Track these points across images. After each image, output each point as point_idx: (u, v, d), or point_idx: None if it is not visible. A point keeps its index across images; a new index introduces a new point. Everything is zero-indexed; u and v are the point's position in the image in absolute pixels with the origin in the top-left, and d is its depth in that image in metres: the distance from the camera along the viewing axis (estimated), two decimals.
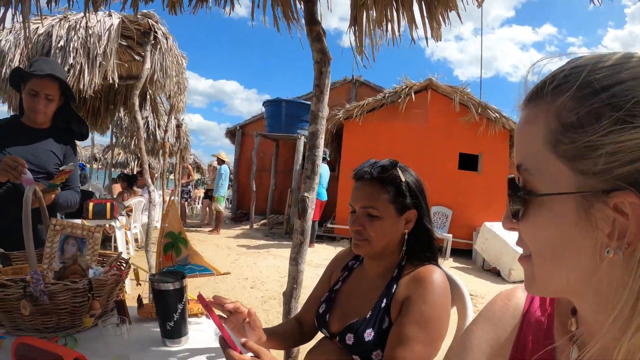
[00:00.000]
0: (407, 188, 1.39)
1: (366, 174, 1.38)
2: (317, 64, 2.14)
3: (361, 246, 1.37)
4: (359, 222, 1.36)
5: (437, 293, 1.24)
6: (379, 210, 1.34)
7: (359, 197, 1.38)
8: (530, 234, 0.58)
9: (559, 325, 0.72)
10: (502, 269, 6.95)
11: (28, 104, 2.15)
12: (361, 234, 1.36)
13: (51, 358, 1.02)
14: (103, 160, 19.65)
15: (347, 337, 1.31)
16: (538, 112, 0.56)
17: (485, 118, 9.08)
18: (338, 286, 1.51)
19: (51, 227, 1.63)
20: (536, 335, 0.73)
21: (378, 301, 1.33)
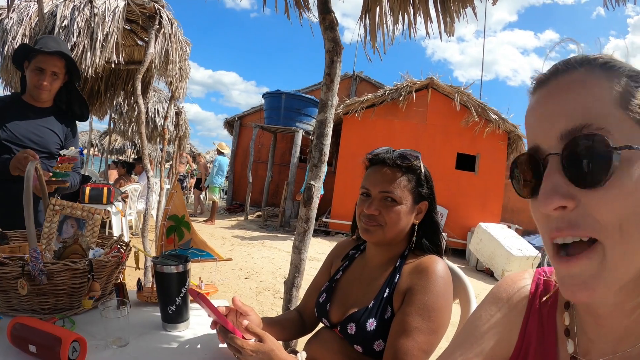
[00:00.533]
0: (425, 179, 1.40)
1: (388, 159, 1.37)
2: (329, 53, 2.12)
3: (373, 232, 1.34)
4: (375, 205, 1.34)
5: (439, 283, 1.24)
6: (399, 196, 1.33)
7: (378, 180, 1.36)
8: (621, 201, 0.50)
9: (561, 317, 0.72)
10: (495, 269, 6.98)
11: (33, 81, 2.11)
12: (375, 219, 1.33)
13: (49, 340, 0.98)
14: (99, 146, 19.54)
15: (349, 326, 1.30)
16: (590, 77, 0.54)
17: (484, 119, 9.09)
18: (339, 276, 1.50)
19: (50, 206, 1.59)
20: (540, 323, 0.74)
21: (381, 291, 1.32)
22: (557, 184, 0.52)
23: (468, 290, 1.50)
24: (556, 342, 0.70)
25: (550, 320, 0.72)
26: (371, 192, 1.36)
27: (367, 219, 1.35)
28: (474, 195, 9.31)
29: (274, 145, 13.32)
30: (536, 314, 0.74)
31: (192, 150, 19.18)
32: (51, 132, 2.20)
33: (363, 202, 1.38)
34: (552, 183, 0.52)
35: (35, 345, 0.99)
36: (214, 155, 11.97)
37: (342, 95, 11.36)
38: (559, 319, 0.71)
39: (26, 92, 2.19)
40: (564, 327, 0.69)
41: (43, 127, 2.17)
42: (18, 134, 2.08)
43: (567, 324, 0.69)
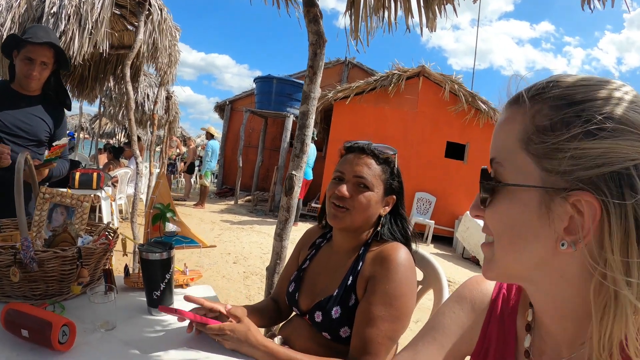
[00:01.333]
0: (397, 174, 1.46)
1: (367, 149, 1.42)
2: (312, 46, 2.15)
3: (341, 217, 1.38)
4: (348, 188, 1.38)
5: (400, 271, 1.28)
6: (371, 183, 1.37)
7: (354, 165, 1.40)
8: (496, 219, 0.63)
9: (521, 314, 0.78)
10: (481, 258, 7.06)
11: (22, 71, 2.13)
12: (345, 201, 1.37)
13: (41, 324, 1.04)
14: (90, 129, 19.39)
15: (316, 314, 1.36)
16: (516, 114, 0.62)
17: (474, 109, 9.14)
18: (306, 265, 1.55)
19: (40, 195, 1.64)
20: (501, 324, 0.79)
21: (344, 278, 1.37)
22: (477, 200, 0.67)
23: (441, 279, 1.56)
24: (515, 339, 0.76)
25: (511, 320, 0.78)
26: (345, 176, 1.41)
27: (337, 201, 1.38)
28: (463, 183, 9.38)
29: (265, 129, 13.30)
30: (497, 315, 0.80)
31: (183, 134, 19.10)
32: (40, 120, 2.23)
33: (335, 185, 1.42)
34: (476, 198, 0.67)
35: (27, 329, 1.05)
36: (204, 140, 11.95)
37: (333, 81, 11.38)
38: (519, 318, 0.77)
39: (15, 80, 2.20)
40: (524, 323, 0.75)
41: (32, 116, 2.20)
42: (7, 122, 2.11)
43: (529, 320, 0.75)
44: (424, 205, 9.43)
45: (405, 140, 9.53)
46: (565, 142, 0.55)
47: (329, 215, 1.42)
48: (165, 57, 4.23)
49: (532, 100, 0.61)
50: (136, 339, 1.22)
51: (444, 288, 1.54)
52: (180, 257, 4.12)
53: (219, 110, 15.67)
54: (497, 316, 0.81)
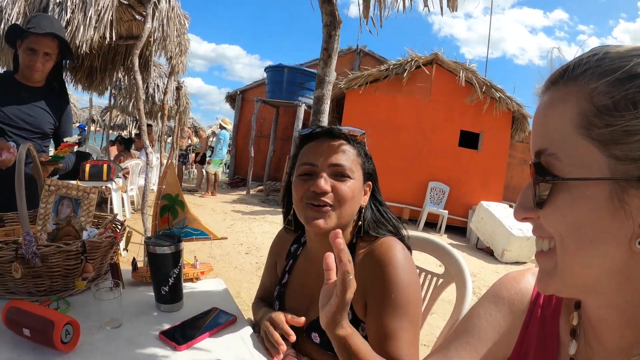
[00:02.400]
0: (369, 156, 1.28)
1: (336, 131, 1.21)
2: (327, 27, 2.07)
3: (326, 218, 1.16)
4: (328, 182, 1.16)
5: (402, 274, 1.12)
6: (351, 169, 1.18)
7: (327, 152, 1.18)
8: (558, 221, 0.55)
9: (565, 317, 0.71)
10: (495, 249, 7.01)
11: (25, 61, 2.09)
12: (327, 197, 1.15)
13: (42, 323, 1.00)
14: (101, 122, 19.51)
15: (313, 335, 1.22)
16: (566, 95, 0.54)
17: (488, 97, 8.99)
18: (286, 279, 1.38)
19: (45, 187, 1.59)
20: (542, 326, 0.72)
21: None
22: (525, 199, 0.59)
23: (464, 273, 1.50)
24: (558, 344, 0.70)
25: (553, 322, 0.72)
26: (317, 168, 1.17)
27: (316, 200, 1.15)
28: (476, 173, 9.29)
29: (276, 119, 13.28)
30: (538, 317, 0.74)
31: (194, 125, 19.14)
32: (44, 112, 2.19)
33: (306, 182, 1.18)
34: (521, 197, 0.59)
35: (29, 328, 1.00)
36: (216, 130, 11.97)
37: (345, 70, 11.27)
38: (562, 321, 0.71)
39: (19, 71, 2.17)
40: (569, 327, 0.69)
41: (36, 107, 2.16)
42: (11, 114, 2.08)
43: (575, 324, 0.68)
44: (437, 194, 9.33)
45: (419, 128, 9.43)
46: (636, 122, 0.47)
47: (308, 219, 1.17)
48: (174, 46, 4.18)
49: (582, 77, 0.53)
50: (143, 337, 1.17)
51: (467, 282, 1.48)
52: (192, 249, 4.09)
53: (230, 101, 15.67)
54: (537, 318, 0.73)
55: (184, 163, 12.54)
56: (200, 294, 1.55)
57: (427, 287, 1.64)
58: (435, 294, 1.61)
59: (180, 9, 4.21)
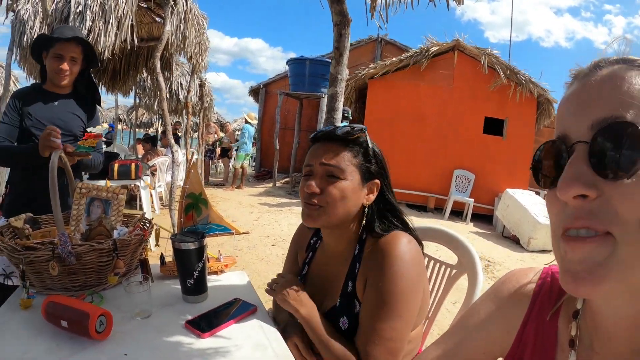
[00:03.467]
0: (373, 154, 1.29)
1: (331, 133, 1.26)
2: (337, 27, 2.11)
3: (314, 216, 1.24)
4: (316, 182, 1.23)
5: (396, 264, 1.15)
6: (344, 172, 1.22)
7: (320, 154, 1.25)
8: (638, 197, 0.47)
9: (564, 320, 0.69)
10: (521, 236, 6.93)
11: (53, 67, 2.20)
12: (316, 198, 1.22)
13: (78, 315, 1.10)
14: (127, 121, 19.94)
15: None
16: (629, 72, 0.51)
17: (513, 82, 8.82)
18: (305, 270, 1.47)
19: (77, 190, 1.71)
20: (541, 327, 0.71)
21: (344, 286, 1.28)
22: (580, 172, 0.50)
23: (475, 263, 1.53)
24: (556, 348, 0.67)
25: (552, 326, 0.69)
26: (313, 169, 1.25)
27: (308, 199, 1.23)
28: (502, 160, 9.14)
29: (300, 111, 13.32)
30: (536, 317, 0.72)
31: (219, 120, 19.38)
32: (74, 116, 2.31)
33: (304, 183, 1.26)
34: (575, 170, 0.50)
35: (66, 320, 1.11)
36: (241, 123, 12.12)
37: (367, 60, 11.22)
38: (561, 327, 0.68)
39: (47, 80, 2.28)
40: (567, 337, 0.66)
41: (66, 112, 2.28)
42: (43, 119, 2.19)
43: (573, 334, 0.65)
44: (462, 183, 9.25)
45: (442, 116, 9.34)
46: None
47: (303, 215, 1.27)
48: (194, 46, 4.28)
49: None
50: (171, 326, 1.26)
51: (479, 273, 1.51)
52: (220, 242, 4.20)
53: (254, 94, 15.78)
54: (536, 319, 0.72)
55: (211, 158, 12.76)
56: (223, 286, 1.64)
57: (440, 278, 1.67)
58: (448, 284, 1.64)
59: (198, 10, 4.30)
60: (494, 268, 5.38)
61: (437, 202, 9.32)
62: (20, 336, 1.13)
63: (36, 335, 1.13)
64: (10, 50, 4.16)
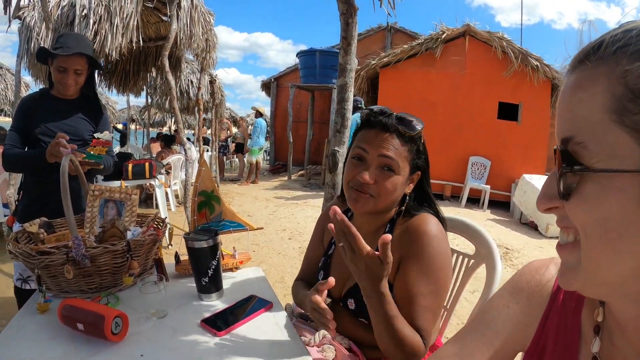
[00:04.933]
0: (423, 150, 1.34)
1: (391, 126, 1.26)
2: (344, 16, 2.09)
3: (364, 202, 1.27)
4: (372, 173, 1.25)
5: (433, 244, 1.21)
6: (398, 166, 1.25)
7: (378, 143, 1.26)
8: (584, 213, 0.50)
9: (588, 311, 0.68)
10: (539, 223, 6.83)
11: (57, 79, 2.22)
12: (369, 187, 1.25)
13: (94, 317, 1.10)
14: (140, 120, 20.12)
15: (349, 302, 1.32)
16: (596, 76, 0.49)
17: (526, 66, 8.67)
18: (332, 250, 1.49)
19: (90, 192, 1.72)
20: (563, 319, 0.70)
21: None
22: (551, 186, 0.54)
23: (493, 253, 1.49)
24: (579, 339, 0.66)
25: (575, 316, 0.68)
26: (368, 157, 1.26)
27: (359, 187, 1.26)
28: (517, 145, 9.00)
29: (312, 103, 13.31)
30: (558, 309, 0.70)
31: (232, 115, 19.46)
32: (83, 121, 2.32)
33: (355, 167, 1.28)
34: (547, 185, 0.55)
35: (82, 323, 1.11)
36: (253, 118, 12.17)
37: (377, 49, 11.14)
38: (585, 314, 0.67)
39: (54, 86, 2.29)
40: (593, 324, 0.65)
41: (74, 117, 2.29)
42: (52, 127, 2.20)
43: (599, 320, 0.64)
44: (478, 169, 9.15)
45: (455, 103, 9.23)
46: None
47: (349, 199, 1.29)
48: (202, 43, 4.28)
49: (614, 56, 0.48)
50: (186, 325, 1.26)
51: (497, 262, 1.48)
52: (237, 237, 4.22)
53: (265, 88, 15.81)
54: (558, 311, 0.71)
55: (225, 154, 12.82)
56: (239, 283, 1.64)
57: (458, 268, 1.65)
58: (466, 275, 1.62)
59: (204, 7, 4.30)
60: (512, 255, 5.31)
61: (453, 189, 9.24)
62: (37, 339, 1.15)
63: (53, 339, 1.14)
64: (19, 56, 4.21)
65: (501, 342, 0.76)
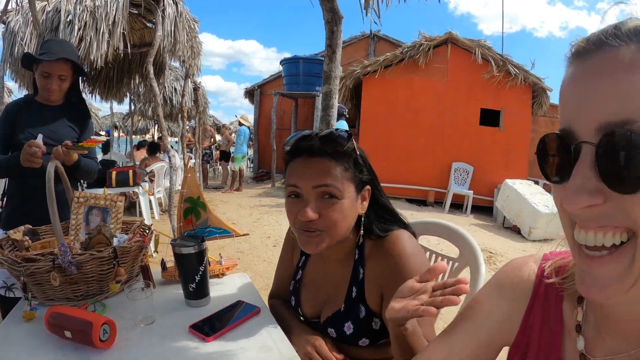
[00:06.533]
0: (362, 161, 1.21)
1: (315, 147, 1.14)
2: (329, 24, 2.11)
3: (316, 242, 1.14)
4: (312, 207, 1.11)
5: (411, 261, 1.14)
6: (338, 190, 1.12)
7: (310, 174, 1.13)
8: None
9: (568, 304, 0.69)
10: (522, 226, 6.95)
11: (42, 85, 2.20)
12: (315, 224, 1.12)
13: (81, 324, 1.09)
14: (123, 127, 19.93)
15: (329, 331, 1.29)
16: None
17: (506, 73, 8.85)
18: (299, 275, 1.44)
19: (75, 199, 1.70)
20: (546, 313, 0.71)
21: (348, 291, 1.25)
22: (586, 179, 0.48)
23: (477, 255, 1.52)
24: (562, 335, 0.67)
25: (557, 311, 0.69)
26: (303, 192, 1.13)
27: (305, 226, 1.14)
28: (499, 151, 9.17)
29: (296, 111, 13.33)
30: (540, 304, 0.72)
31: (215, 123, 19.38)
32: (67, 127, 2.30)
33: (295, 206, 1.15)
34: (581, 178, 0.48)
35: (70, 330, 1.10)
36: (237, 126, 12.15)
37: (360, 56, 11.22)
38: (566, 311, 0.68)
39: (39, 93, 2.28)
40: (574, 322, 0.66)
41: (59, 124, 2.27)
42: (35, 132, 2.18)
43: (580, 320, 0.65)
44: (461, 175, 9.26)
45: (438, 110, 9.36)
46: None
47: (301, 242, 1.18)
48: (187, 50, 4.28)
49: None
50: (174, 332, 1.26)
51: (481, 265, 1.50)
52: (221, 244, 4.20)
53: (249, 96, 15.78)
54: (539, 304, 0.72)
55: (208, 161, 12.75)
56: (226, 289, 1.63)
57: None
58: (451, 277, 1.63)
59: (189, 14, 4.30)
60: (496, 259, 5.38)
61: (437, 195, 9.33)
62: (25, 348, 1.13)
63: (41, 347, 1.13)
64: (3, 62, 4.16)
65: (486, 336, 0.77)
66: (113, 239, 1.50)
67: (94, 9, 3.63)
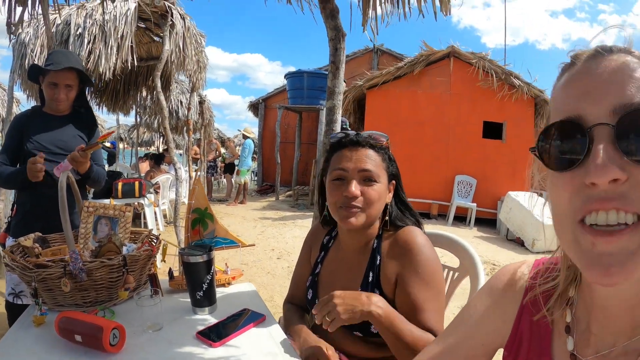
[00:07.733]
0: (393, 159, 1.45)
1: (361, 140, 1.38)
2: (332, 41, 2.15)
3: (356, 217, 1.32)
4: (357, 187, 1.32)
5: (425, 251, 1.30)
6: (377, 174, 1.34)
7: (356, 160, 1.35)
8: None
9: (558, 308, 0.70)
10: (525, 239, 6.94)
11: (49, 95, 2.24)
12: (357, 201, 1.32)
13: (92, 329, 1.12)
14: (129, 139, 20.04)
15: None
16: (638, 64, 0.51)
17: (509, 85, 8.88)
18: (319, 269, 1.53)
19: (84, 209, 1.74)
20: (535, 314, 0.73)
21: (365, 276, 1.37)
22: (611, 156, 0.48)
23: (476, 265, 1.55)
24: (551, 337, 0.69)
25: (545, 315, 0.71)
26: (348, 174, 1.34)
27: (350, 202, 1.32)
28: (503, 163, 9.15)
29: (300, 124, 13.38)
30: (530, 307, 0.73)
31: (220, 135, 19.50)
32: (75, 136, 2.33)
33: (339, 188, 1.35)
34: (606, 155, 0.49)
35: (80, 335, 1.13)
36: (241, 139, 12.21)
37: (364, 70, 11.30)
38: (555, 314, 0.69)
39: (46, 104, 2.32)
40: (563, 324, 0.68)
41: (66, 133, 2.30)
42: (45, 143, 2.22)
43: (569, 321, 0.67)
44: (464, 188, 9.26)
45: (441, 123, 9.39)
46: None
47: (342, 218, 1.35)
48: (193, 64, 4.35)
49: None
50: (182, 338, 1.28)
51: (480, 274, 1.53)
52: (225, 256, 4.22)
53: (253, 109, 15.89)
54: (529, 307, 0.74)
55: (212, 174, 12.80)
56: (232, 297, 1.66)
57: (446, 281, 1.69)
58: (452, 287, 1.67)
59: (195, 29, 4.38)
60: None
61: (440, 208, 9.33)
62: (35, 352, 1.16)
63: (51, 351, 1.16)
64: (12, 72, 4.23)
65: (480, 339, 0.81)
66: (122, 248, 1.53)
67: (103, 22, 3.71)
